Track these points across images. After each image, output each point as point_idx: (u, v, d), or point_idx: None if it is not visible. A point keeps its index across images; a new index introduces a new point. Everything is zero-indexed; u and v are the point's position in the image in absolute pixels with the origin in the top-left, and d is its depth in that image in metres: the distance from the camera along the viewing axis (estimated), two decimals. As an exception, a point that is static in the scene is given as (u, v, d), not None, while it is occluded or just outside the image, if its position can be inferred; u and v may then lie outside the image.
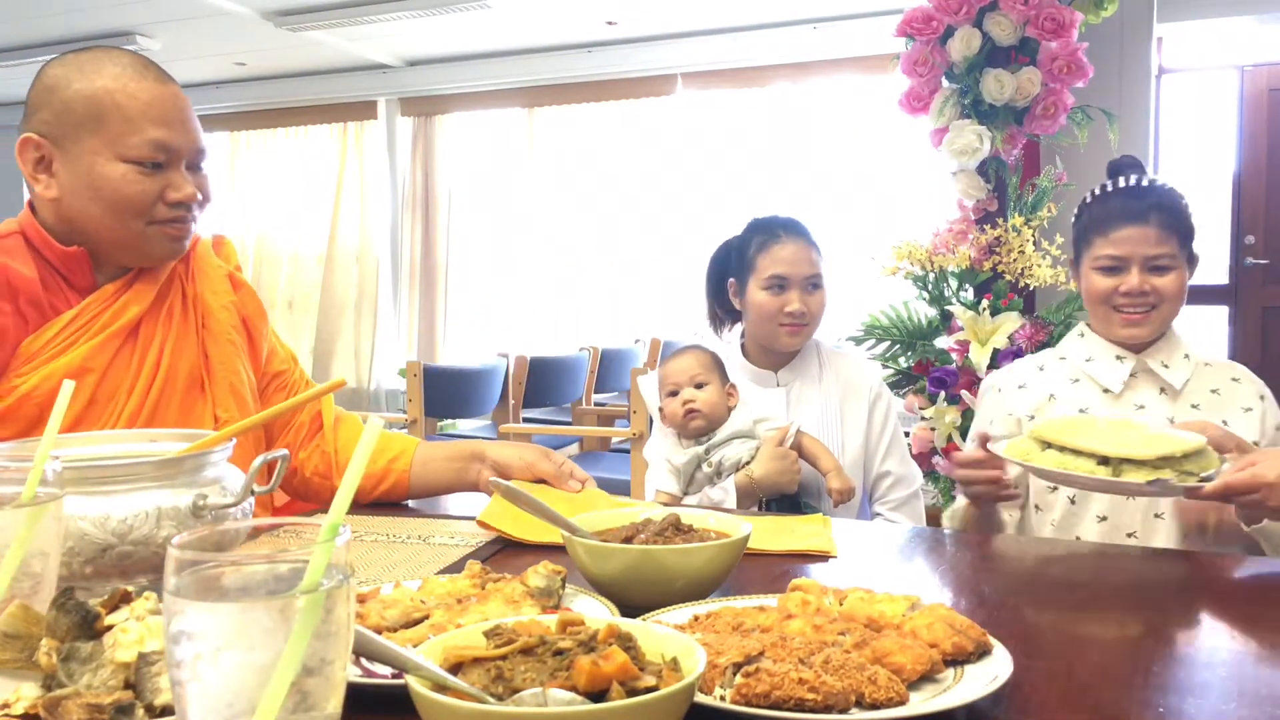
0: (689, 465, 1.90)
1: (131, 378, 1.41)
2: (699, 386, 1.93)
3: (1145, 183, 1.79)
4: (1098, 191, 1.84)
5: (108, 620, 0.74)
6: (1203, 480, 1.31)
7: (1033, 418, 1.82)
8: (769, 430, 1.90)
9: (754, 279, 2.04)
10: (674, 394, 1.95)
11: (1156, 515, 1.71)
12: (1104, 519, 1.71)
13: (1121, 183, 1.81)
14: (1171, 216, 1.74)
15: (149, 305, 1.46)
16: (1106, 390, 1.77)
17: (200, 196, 1.44)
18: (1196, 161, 5.84)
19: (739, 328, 2.18)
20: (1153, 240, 1.72)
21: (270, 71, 6.89)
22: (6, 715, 0.69)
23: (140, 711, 0.66)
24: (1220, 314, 5.78)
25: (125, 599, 0.76)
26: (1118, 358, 1.79)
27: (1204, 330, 5.74)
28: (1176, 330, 1.83)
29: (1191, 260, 1.80)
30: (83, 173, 1.37)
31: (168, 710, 0.66)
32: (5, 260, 1.35)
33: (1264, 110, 5.67)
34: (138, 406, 1.40)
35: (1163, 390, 1.76)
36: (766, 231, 2.07)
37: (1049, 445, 1.37)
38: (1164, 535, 1.68)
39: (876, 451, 2.04)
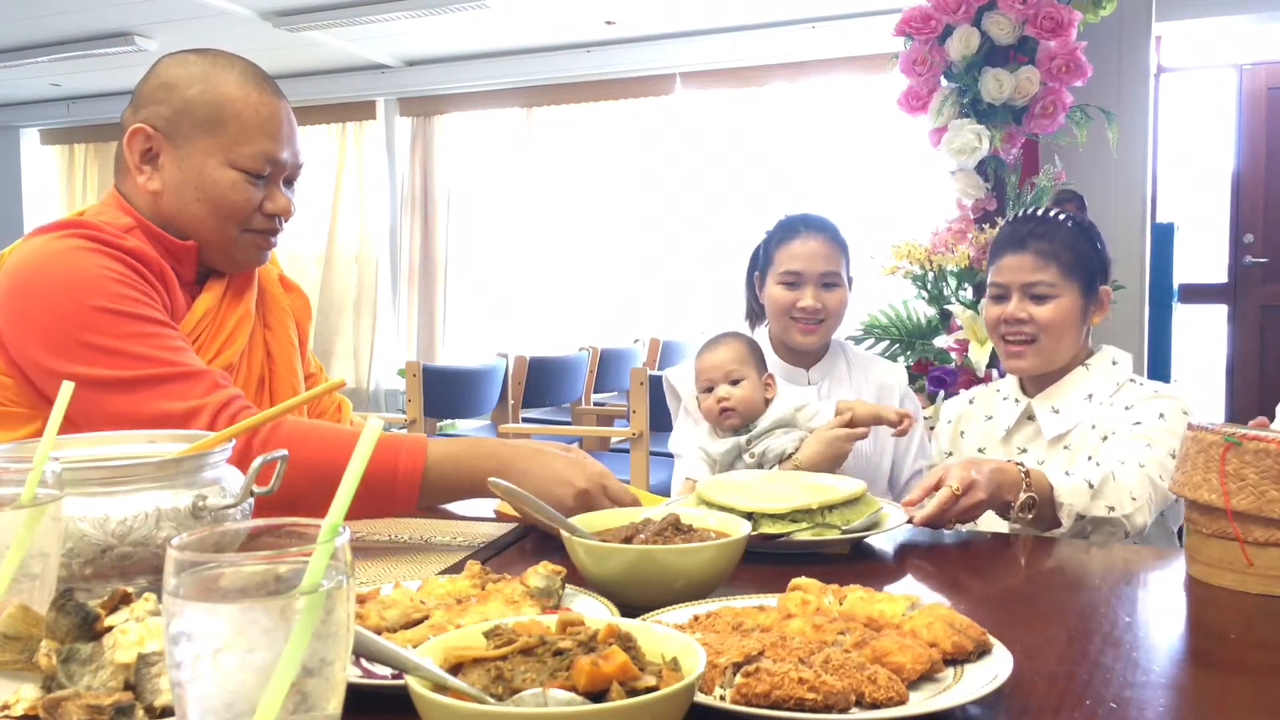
0: (728, 455, 1.85)
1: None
2: (734, 383, 1.86)
3: (1039, 213, 1.77)
4: (1003, 224, 1.85)
5: (107, 621, 0.74)
6: (846, 532, 1.26)
7: (950, 454, 1.89)
8: (810, 415, 1.85)
9: (771, 273, 2.03)
10: (709, 389, 1.88)
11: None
12: None
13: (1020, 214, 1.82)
14: (1051, 244, 1.71)
15: (253, 315, 1.52)
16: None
17: (293, 210, 1.49)
18: (1195, 160, 5.84)
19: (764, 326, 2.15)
20: (1029, 267, 1.71)
21: (269, 72, 6.85)
22: (6, 716, 0.69)
23: (140, 712, 0.66)
24: (1219, 312, 5.79)
25: (125, 600, 0.76)
26: (1015, 400, 1.80)
27: (1203, 329, 5.75)
28: (1094, 367, 1.76)
29: (1090, 293, 1.73)
30: (192, 172, 1.40)
31: (168, 711, 0.66)
32: (150, 251, 1.37)
33: (1263, 109, 5.68)
34: None
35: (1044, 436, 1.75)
36: (787, 227, 2.06)
37: (704, 503, 1.32)
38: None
39: (906, 454, 2.04)
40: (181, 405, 1.25)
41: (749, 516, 1.26)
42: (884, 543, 1.36)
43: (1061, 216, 1.76)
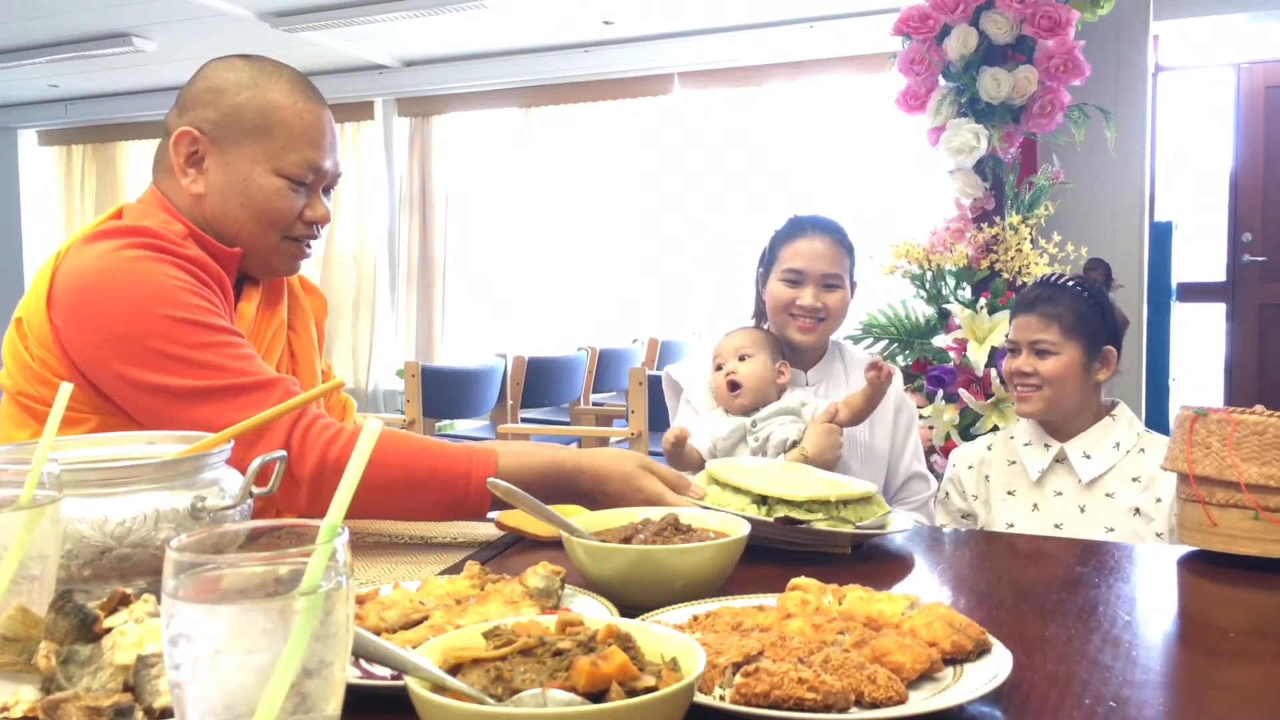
0: (733, 436, 1.90)
1: None
2: (742, 359, 1.95)
3: (1056, 279, 2.01)
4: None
5: (106, 623, 0.73)
6: (860, 529, 1.26)
7: (976, 497, 2.02)
8: (811, 413, 1.90)
9: (775, 270, 2.06)
10: (720, 368, 1.98)
11: (1056, 525, 1.89)
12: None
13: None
14: (1056, 308, 1.94)
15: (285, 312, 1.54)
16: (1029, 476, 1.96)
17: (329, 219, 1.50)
18: (1193, 159, 5.85)
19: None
20: (1035, 326, 1.95)
21: (267, 72, 6.87)
22: (6, 718, 0.69)
23: (139, 714, 0.66)
24: (1217, 311, 5.79)
25: (124, 601, 0.76)
26: (1045, 445, 1.96)
27: (1201, 328, 5.75)
28: (1119, 416, 1.96)
29: (1094, 350, 1.94)
30: (237, 177, 1.40)
31: (167, 712, 0.65)
32: (211, 262, 1.37)
33: (1260, 108, 5.68)
34: None
35: (1080, 480, 1.91)
36: (794, 225, 2.09)
37: (714, 481, 1.34)
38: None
39: (902, 455, 2.06)
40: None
41: (763, 500, 1.26)
42: (883, 542, 1.36)
43: (1073, 284, 1.97)
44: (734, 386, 1.93)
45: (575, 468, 1.32)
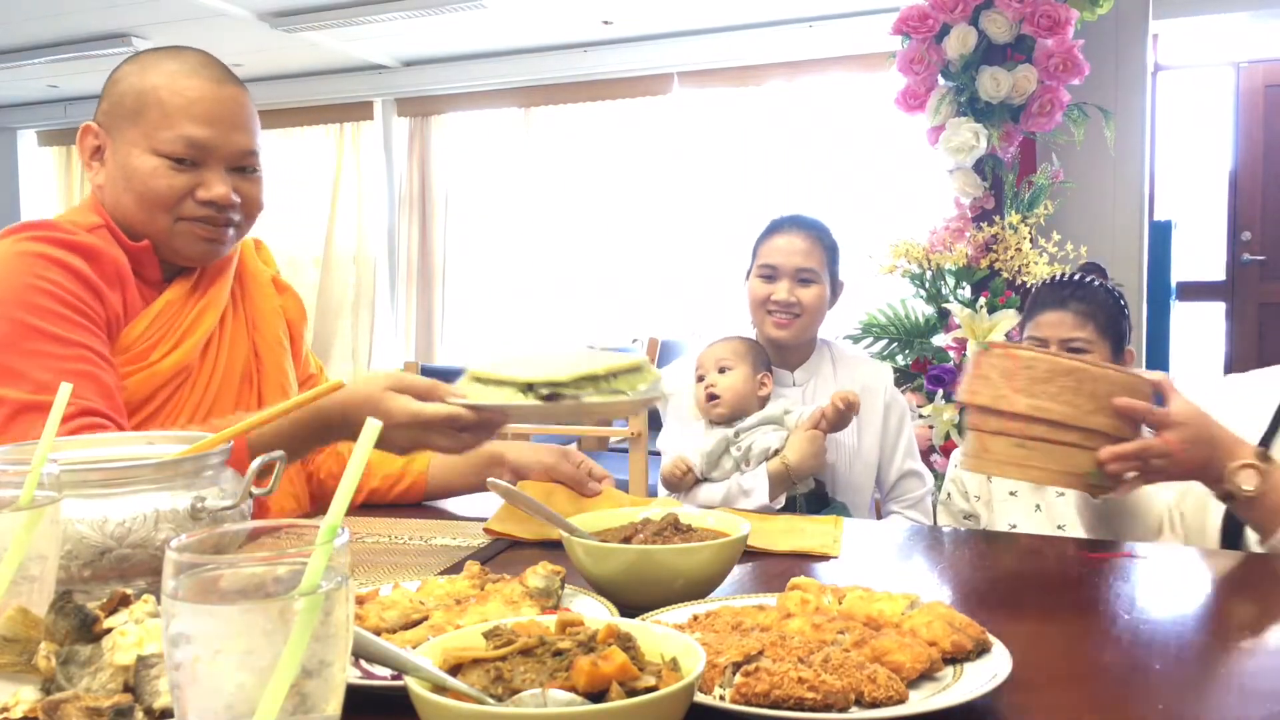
0: (716, 448, 1.90)
1: (199, 376, 1.44)
2: (722, 371, 1.95)
3: (1075, 277, 1.94)
4: (1039, 285, 2.02)
5: (106, 623, 0.73)
6: (635, 397, 1.21)
7: (978, 498, 1.98)
8: (795, 420, 1.91)
9: (753, 268, 2.07)
10: (701, 379, 1.98)
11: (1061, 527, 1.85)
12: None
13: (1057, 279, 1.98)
14: (1090, 305, 1.88)
15: (223, 307, 1.50)
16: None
17: (237, 199, 1.42)
18: (1193, 158, 5.85)
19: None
20: (1069, 324, 1.87)
21: (266, 73, 6.88)
22: (6, 718, 0.68)
23: (139, 714, 0.66)
24: (1217, 310, 5.79)
25: (124, 602, 0.76)
26: None
27: (1200, 328, 5.75)
28: None
29: (1119, 349, 1.89)
30: (121, 162, 1.39)
31: (167, 713, 0.65)
32: (110, 250, 1.36)
33: (1260, 106, 5.68)
34: (198, 403, 1.42)
35: None
36: (773, 224, 2.10)
37: (477, 380, 1.26)
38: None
39: (894, 453, 2.06)
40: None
41: (529, 388, 1.19)
42: (883, 541, 1.36)
43: (1098, 283, 1.92)
44: (712, 398, 1.94)
45: (323, 403, 1.24)
